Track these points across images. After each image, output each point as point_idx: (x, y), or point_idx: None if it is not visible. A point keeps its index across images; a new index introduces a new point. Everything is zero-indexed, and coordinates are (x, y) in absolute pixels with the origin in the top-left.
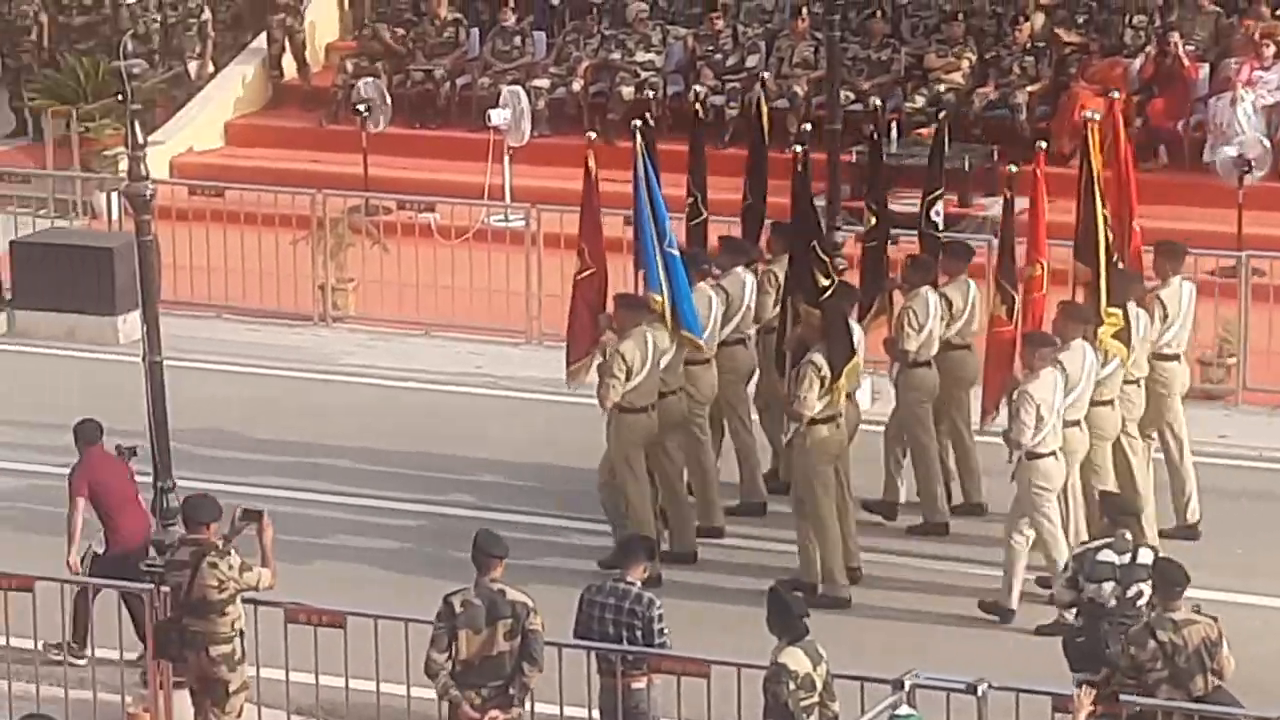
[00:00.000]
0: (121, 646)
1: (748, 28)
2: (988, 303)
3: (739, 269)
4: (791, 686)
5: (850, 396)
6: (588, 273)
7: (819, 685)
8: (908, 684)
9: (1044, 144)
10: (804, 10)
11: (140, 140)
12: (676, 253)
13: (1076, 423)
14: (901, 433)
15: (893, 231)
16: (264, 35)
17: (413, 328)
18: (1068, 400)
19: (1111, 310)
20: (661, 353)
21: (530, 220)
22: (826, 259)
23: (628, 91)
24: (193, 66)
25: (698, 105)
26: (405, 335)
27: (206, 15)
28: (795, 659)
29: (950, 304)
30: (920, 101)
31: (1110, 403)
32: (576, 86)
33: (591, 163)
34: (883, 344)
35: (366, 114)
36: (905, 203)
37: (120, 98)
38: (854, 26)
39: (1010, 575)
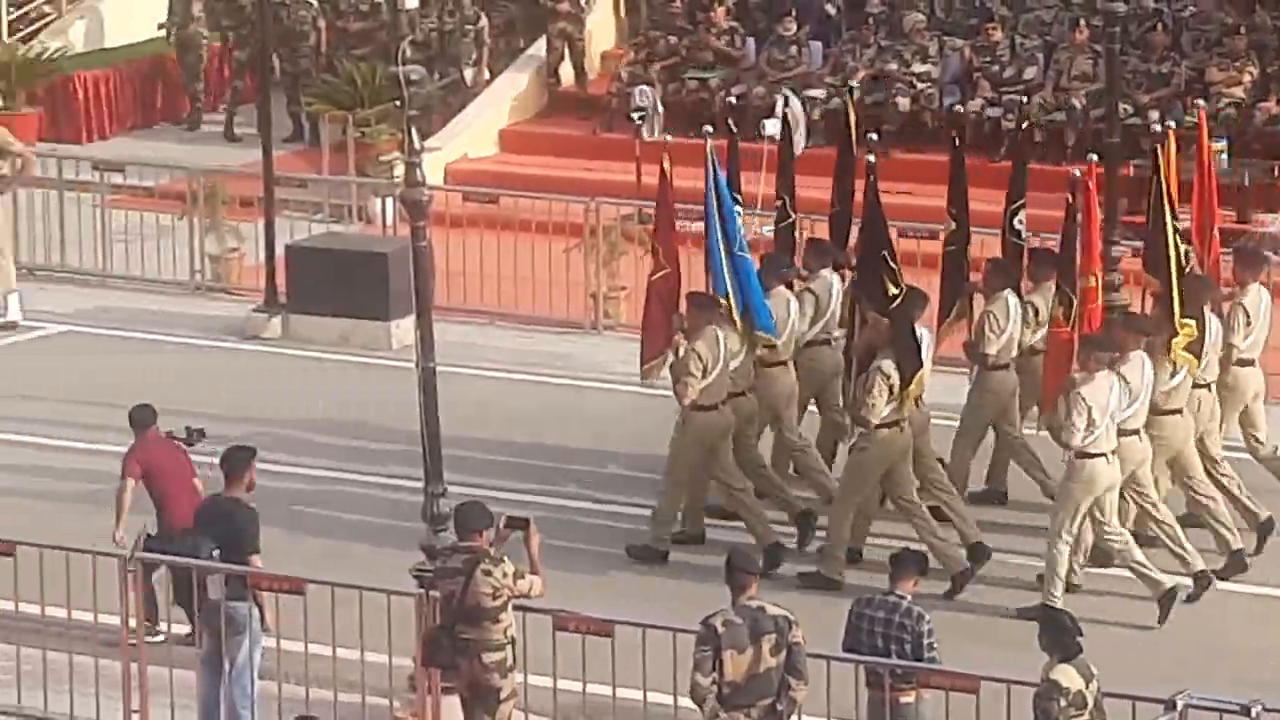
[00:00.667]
0: (391, 651)
1: (1026, 39)
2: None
3: (825, 271)
4: (1063, 704)
5: (918, 401)
6: (662, 273)
7: (1090, 703)
8: (1180, 704)
9: (1095, 155)
10: (1083, 22)
11: (417, 146)
12: (748, 255)
13: (1135, 432)
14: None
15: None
16: (541, 42)
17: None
18: (1127, 411)
19: (1185, 321)
20: (732, 354)
21: (801, 229)
22: (895, 266)
23: (904, 102)
24: (468, 73)
25: (785, 110)
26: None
27: (483, 22)
28: (1067, 676)
29: (1036, 311)
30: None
31: (1179, 411)
32: None
33: (666, 164)
34: (962, 346)
35: (640, 122)
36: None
37: (397, 103)
38: (1134, 39)
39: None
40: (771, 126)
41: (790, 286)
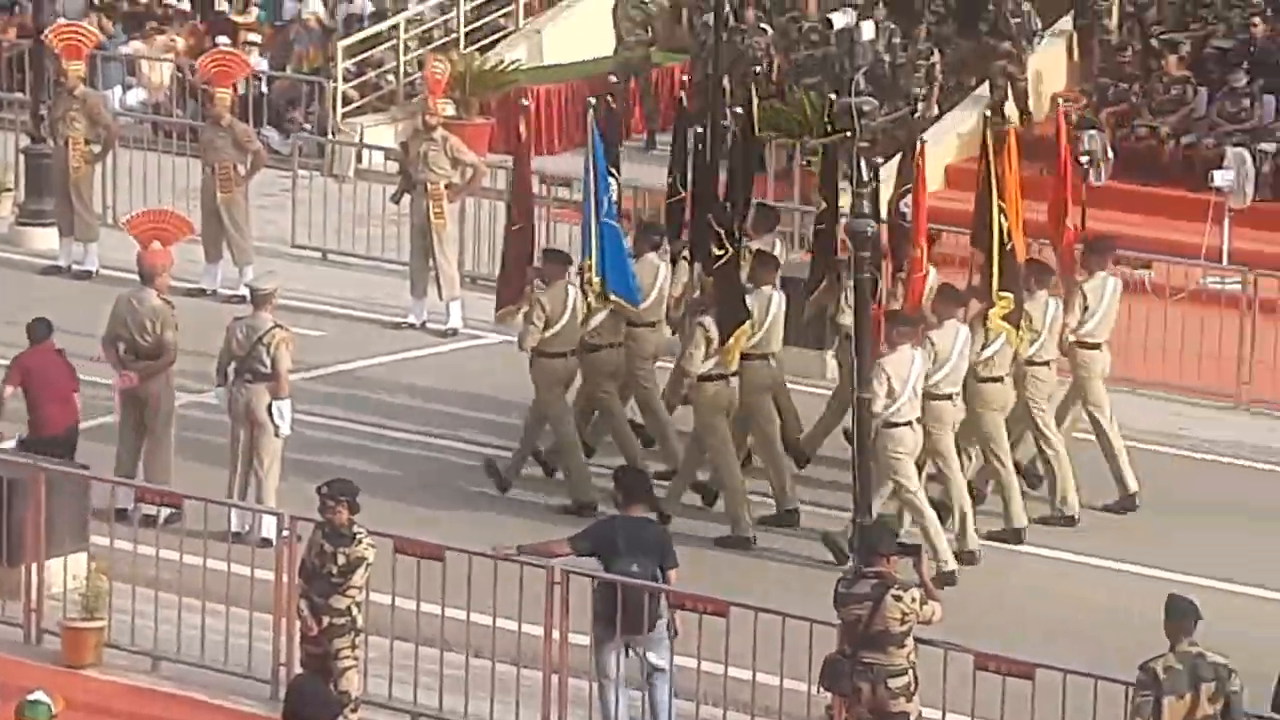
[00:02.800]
0: (810, 680)
1: None
2: None
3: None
4: None
5: (767, 358)
6: (517, 227)
7: None
8: None
9: (923, 139)
10: None
11: (864, 177)
12: (616, 224)
13: (949, 396)
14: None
15: None
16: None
17: (1120, 383)
18: (940, 374)
19: (1003, 295)
20: (592, 310)
21: (1246, 284)
22: (721, 231)
23: None
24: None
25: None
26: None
27: (935, 58)
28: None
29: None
30: None
31: (999, 379)
32: None
33: (522, 129)
34: (829, 320)
35: (1089, 166)
36: None
37: (847, 134)
38: None
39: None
40: (1221, 178)
41: (674, 262)
